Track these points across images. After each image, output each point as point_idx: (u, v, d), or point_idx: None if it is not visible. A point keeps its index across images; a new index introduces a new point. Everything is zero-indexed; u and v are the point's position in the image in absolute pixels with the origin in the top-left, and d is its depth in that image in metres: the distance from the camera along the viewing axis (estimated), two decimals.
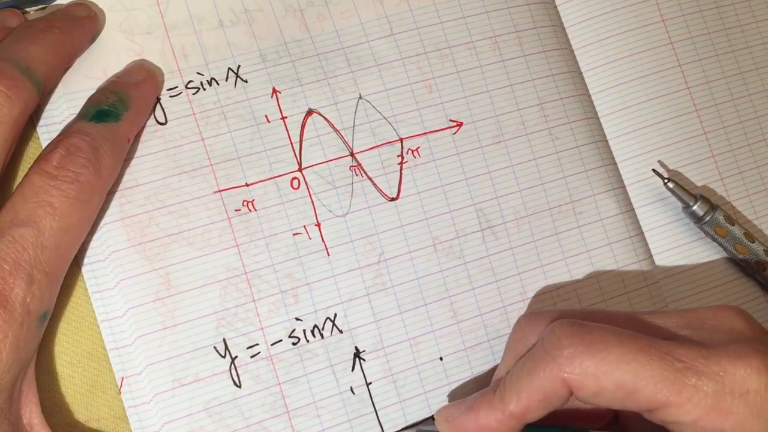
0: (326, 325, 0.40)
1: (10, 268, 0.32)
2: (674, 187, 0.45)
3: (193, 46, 0.41)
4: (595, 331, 0.33)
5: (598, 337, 0.33)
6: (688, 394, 0.32)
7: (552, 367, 0.33)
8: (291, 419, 0.39)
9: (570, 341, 0.33)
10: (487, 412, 0.35)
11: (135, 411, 0.37)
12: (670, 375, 0.32)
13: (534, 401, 0.34)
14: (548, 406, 0.34)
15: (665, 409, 0.32)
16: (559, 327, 0.34)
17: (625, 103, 0.46)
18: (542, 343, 0.34)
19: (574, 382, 0.33)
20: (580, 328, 0.34)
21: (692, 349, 0.33)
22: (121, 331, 0.37)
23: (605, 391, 0.33)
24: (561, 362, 0.33)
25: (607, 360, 0.32)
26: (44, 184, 0.34)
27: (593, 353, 0.33)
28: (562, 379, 0.33)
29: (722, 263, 0.47)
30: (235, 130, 0.40)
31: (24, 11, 0.40)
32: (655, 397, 0.32)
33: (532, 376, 0.34)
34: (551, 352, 0.33)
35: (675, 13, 0.48)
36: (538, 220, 0.43)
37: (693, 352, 0.32)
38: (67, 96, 0.39)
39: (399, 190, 0.42)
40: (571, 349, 0.33)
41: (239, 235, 0.39)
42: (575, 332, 0.33)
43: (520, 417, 0.34)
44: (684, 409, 0.32)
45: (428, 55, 0.43)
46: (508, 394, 0.34)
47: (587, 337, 0.33)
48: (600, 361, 0.32)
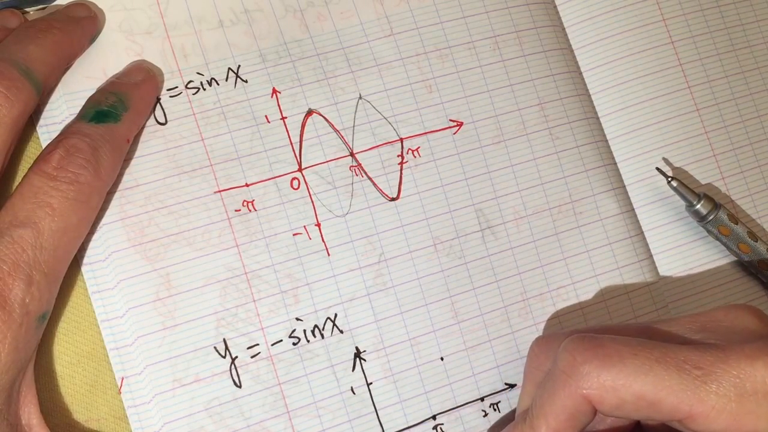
0: (327, 325, 0.40)
1: (9, 268, 0.32)
2: (678, 185, 0.45)
3: (193, 46, 0.41)
4: (607, 344, 0.33)
5: (612, 350, 0.33)
6: (712, 402, 0.31)
7: (570, 386, 0.33)
8: (291, 419, 0.39)
9: (584, 357, 0.33)
10: None
11: (135, 411, 0.37)
12: (690, 384, 0.32)
13: (562, 422, 0.34)
14: (577, 425, 0.34)
15: (692, 419, 0.32)
16: (572, 344, 0.34)
17: (625, 102, 0.46)
18: (557, 363, 0.34)
19: (595, 397, 0.33)
20: (592, 342, 0.34)
21: (709, 353, 0.32)
22: (121, 331, 0.37)
23: (626, 403, 0.33)
24: (578, 379, 0.33)
25: (624, 372, 0.32)
26: (43, 185, 0.34)
27: (609, 367, 0.33)
28: (583, 396, 0.33)
29: (724, 263, 0.47)
30: (235, 130, 0.40)
31: (24, 11, 0.40)
32: (678, 407, 0.32)
33: (554, 398, 0.34)
34: (567, 371, 0.33)
35: (675, 12, 0.48)
36: (538, 220, 0.43)
37: (710, 356, 0.32)
38: (67, 96, 0.39)
39: (399, 190, 0.42)
40: (586, 365, 0.33)
41: (239, 236, 0.39)
42: (588, 347, 0.33)
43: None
44: (710, 417, 0.32)
45: (428, 55, 0.43)
46: (537, 421, 0.34)
47: (600, 350, 0.33)
48: (617, 374, 0.32)
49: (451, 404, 0.41)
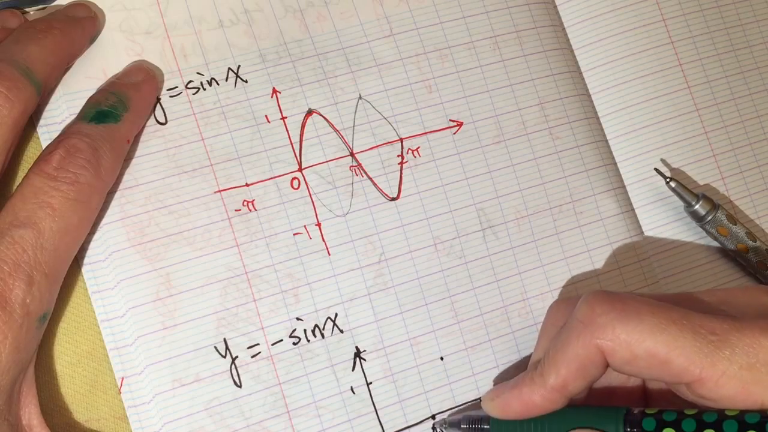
0: (327, 324, 0.40)
1: (9, 269, 0.32)
2: (676, 186, 0.45)
3: (193, 46, 0.41)
4: (628, 301, 0.34)
5: (631, 306, 0.34)
6: (723, 367, 0.32)
7: (585, 335, 0.34)
8: (291, 419, 0.39)
9: (602, 308, 0.34)
10: (530, 388, 0.35)
11: (135, 411, 0.37)
12: (703, 348, 0.32)
13: (573, 371, 0.34)
14: (586, 376, 0.34)
15: (701, 383, 0.32)
16: (592, 296, 0.35)
17: (626, 102, 0.46)
18: (575, 314, 0.35)
19: (608, 349, 0.33)
20: (613, 296, 0.34)
21: (725, 322, 0.33)
22: (121, 331, 0.37)
23: (638, 358, 0.33)
24: (594, 329, 0.34)
25: (639, 328, 0.33)
26: (44, 185, 0.34)
27: (626, 321, 0.33)
28: (596, 346, 0.34)
29: (723, 263, 0.47)
30: (235, 130, 0.40)
31: (24, 11, 0.40)
32: (689, 369, 0.32)
33: (568, 346, 0.34)
34: (584, 320, 0.34)
35: (675, 12, 0.48)
36: (538, 220, 0.43)
37: (726, 324, 0.33)
38: (67, 96, 0.39)
39: (399, 190, 0.42)
40: (604, 317, 0.34)
41: (239, 235, 0.39)
42: (608, 300, 0.34)
43: (561, 389, 0.35)
44: (719, 383, 0.32)
45: (428, 55, 0.43)
46: (548, 369, 0.35)
47: (620, 305, 0.34)
48: (632, 328, 0.33)
49: (450, 404, 0.41)
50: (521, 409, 0.36)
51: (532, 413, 0.36)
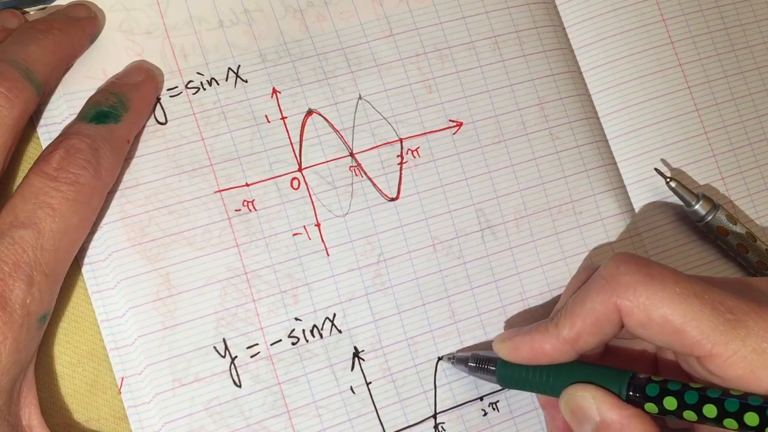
0: (325, 325, 0.40)
1: (9, 269, 0.32)
2: (676, 186, 0.45)
3: (193, 46, 0.41)
4: (654, 266, 0.34)
5: (657, 271, 0.34)
6: (734, 347, 0.32)
7: (606, 291, 0.34)
8: (291, 419, 0.39)
9: (627, 269, 0.34)
10: (542, 336, 0.36)
11: (135, 411, 0.37)
12: (719, 325, 0.32)
13: (587, 325, 0.35)
14: (599, 332, 0.35)
15: (710, 359, 0.33)
16: (619, 256, 0.35)
17: (626, 102, 0.46)
18: (600, 271, 0.35)
19: (625, 309, 0.34)
20: (640, 260, 0.35)
21: (745, 303, 0.33)
22: (121, 331, 0.38)
23: (653, 323, 0.33)
24: (615, 287, 0.34)
25: (660, 294, 0.33)
26: (44, 186, 0.34)
27: (648, 284, 0.34)
28: (615, 304, 0.34)
29: (723, 263, 0.47)
30: (235, 130, 0.40)
31: (24, 11, 0.40)
32: (701, 342, 0.33)
33: (586, 299, 0.35)
34: (607, 278, 0.35)
35: (675, 13, 0.48)
36: (537, 220, 0.43)
37: (745, 306, 0.33)
38: (67, 96, 0.39)
39: (399, 191, 0.42)
40: (627, 276, 0.34)
41: (239, 235, 0.39)
42: (634, 261, 0.35)
43: (573, 342, 0.35)
44: (729, 362, 0.32)
45: (428, 56, 0.43)
46: (563, 320, 0.36)
47: (646, 268, 0.34)
48: (653, 293, 0.33)
49: (451, 403, 0.41)
50: (530, 354, 0.37)
51: (540, 361, 0.36)
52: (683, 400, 0.33)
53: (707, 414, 0.33)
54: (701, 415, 0.33)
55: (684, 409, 0.33)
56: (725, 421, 0.32)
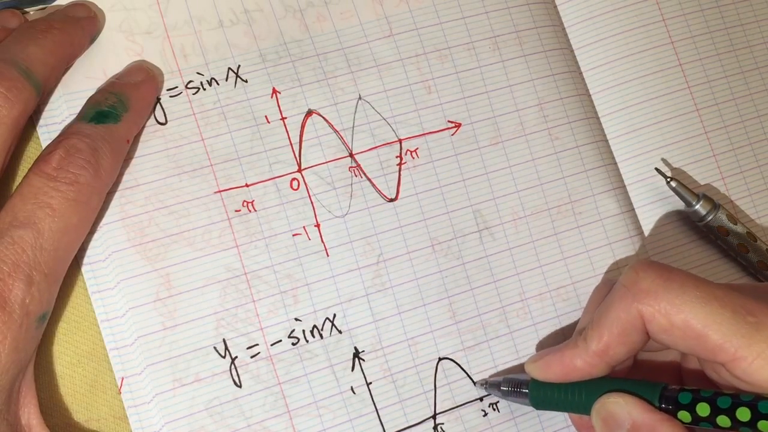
0: (325, 325, 0.40)
1: (9, 269, 0.32)
2: (677, 186, 0.45)
3: (193, 46, 0.41)
4: (674, 272, 0.35)
5: (676, 276, 0.34)
6: (758, 350, 0.32)
7: (627, 298, 0.35)
8: (292, 419, 0.39)
9: (647, 274, 0.35)
10: (572, 352, 0.36)
11: (135, 411, 0.37)
12: (741, 328, 0.33)
13: (615, 336, 0.35)
14: (627, 342, 0.35)
15: (734, 363, 0.33)
16: (639, 263, 0.35)
17: (626, 102, 0.46)
18: (621, 279, 0.36)
19: (647, 314, 0.34)
20: (660, 266, 0.35)
21: (765, 306, 0.33)
22: (121, 331, 0.38)
23: (675, 328, 0.34)
24: (636, 293, 0.34)
25: (681, 299, 0.33)
26: (43, 186, 0.34)
27: (669, 289, 0.34)
28: (637, 310, 0.34)
29: (723, 263, 0.47)
30: (235, 131, 0.40)
31: (24, 11, 0.40)
32: (723, 347, 0.33)
33: (610, 309, 0.35)
34: (628, 285, 0.35)
35: (675, 12, 0.48)
36: (536, 221, 0.43)
37: (766, 308, 0.33)
38: (67, 96, 0.39)
39: (398, 191, 0.42)
40: (647, 282, 0.34)
41: (239, 236, 0.39)
42: (654, 267, 0.35)
43: (603, 354, 0.36)
44: (753, 365, 0.32)
45: (427, 56, 0.43)
46: (591, 334, 0.36)
47: (665, 274, 0.34)
48: (674, 297, 0.34)
49: (450, 404, 0.41)
50: (562, 371, 0.37)
51: (572, 377, 0.37)
52: (716, 406, 0.33)
53: (740, 417, 0.32)
54: (735, 420, 0.33)
55: (717, 415, 0.33)
56: (759, 423, 0.32)
